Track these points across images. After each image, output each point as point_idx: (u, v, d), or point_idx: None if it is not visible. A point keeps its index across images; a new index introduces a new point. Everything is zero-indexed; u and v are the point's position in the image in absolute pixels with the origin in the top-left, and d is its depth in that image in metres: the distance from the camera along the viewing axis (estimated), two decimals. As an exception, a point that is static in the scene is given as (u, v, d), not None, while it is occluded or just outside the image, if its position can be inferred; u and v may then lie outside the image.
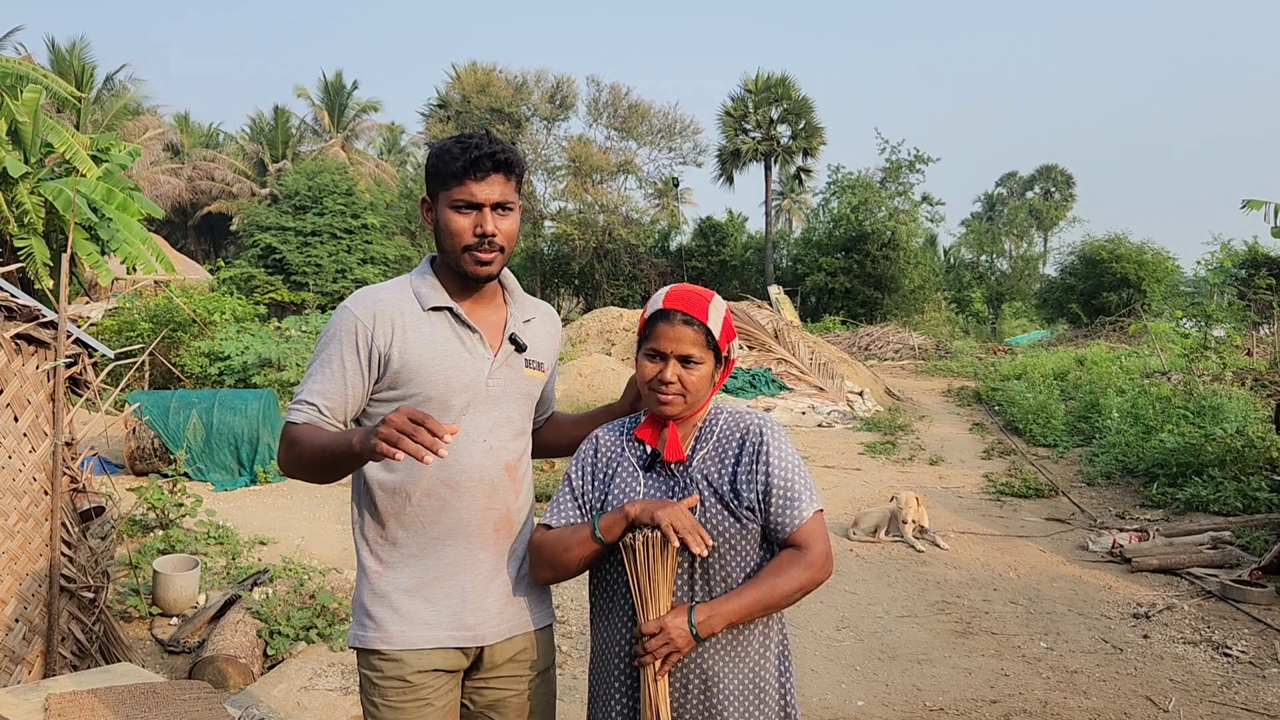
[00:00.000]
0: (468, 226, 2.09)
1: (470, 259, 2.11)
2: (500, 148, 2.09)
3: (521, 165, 2.16)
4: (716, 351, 2.11)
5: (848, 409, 15.84)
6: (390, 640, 2.12)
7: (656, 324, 2.09)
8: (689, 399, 2.09)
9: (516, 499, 2.23)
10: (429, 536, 2.14)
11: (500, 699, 2.22)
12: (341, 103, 45.27)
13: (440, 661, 2.14)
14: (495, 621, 2.18)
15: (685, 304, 2.08)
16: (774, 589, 1.98)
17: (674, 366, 2.07)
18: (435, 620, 2.13)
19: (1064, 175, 64.11)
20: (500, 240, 2.11)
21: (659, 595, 1.98)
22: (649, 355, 2.11)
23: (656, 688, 1.98)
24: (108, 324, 14.78)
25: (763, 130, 41.24)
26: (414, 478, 2.13)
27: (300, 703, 4.44)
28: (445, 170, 2.09)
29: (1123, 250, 31.91)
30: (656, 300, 2.13)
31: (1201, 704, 4.62)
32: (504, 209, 2.12)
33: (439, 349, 2.13)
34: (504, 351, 2.20)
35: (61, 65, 30.88)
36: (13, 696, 3.36)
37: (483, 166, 2.06)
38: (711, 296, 2.13)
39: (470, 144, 2.08)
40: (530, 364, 2.25)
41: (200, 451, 9.52)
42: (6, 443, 3.66)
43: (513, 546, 2.23)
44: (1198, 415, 10.48)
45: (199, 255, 44.96)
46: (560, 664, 5.03)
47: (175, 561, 5.74)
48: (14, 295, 3.79)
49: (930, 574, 6.85)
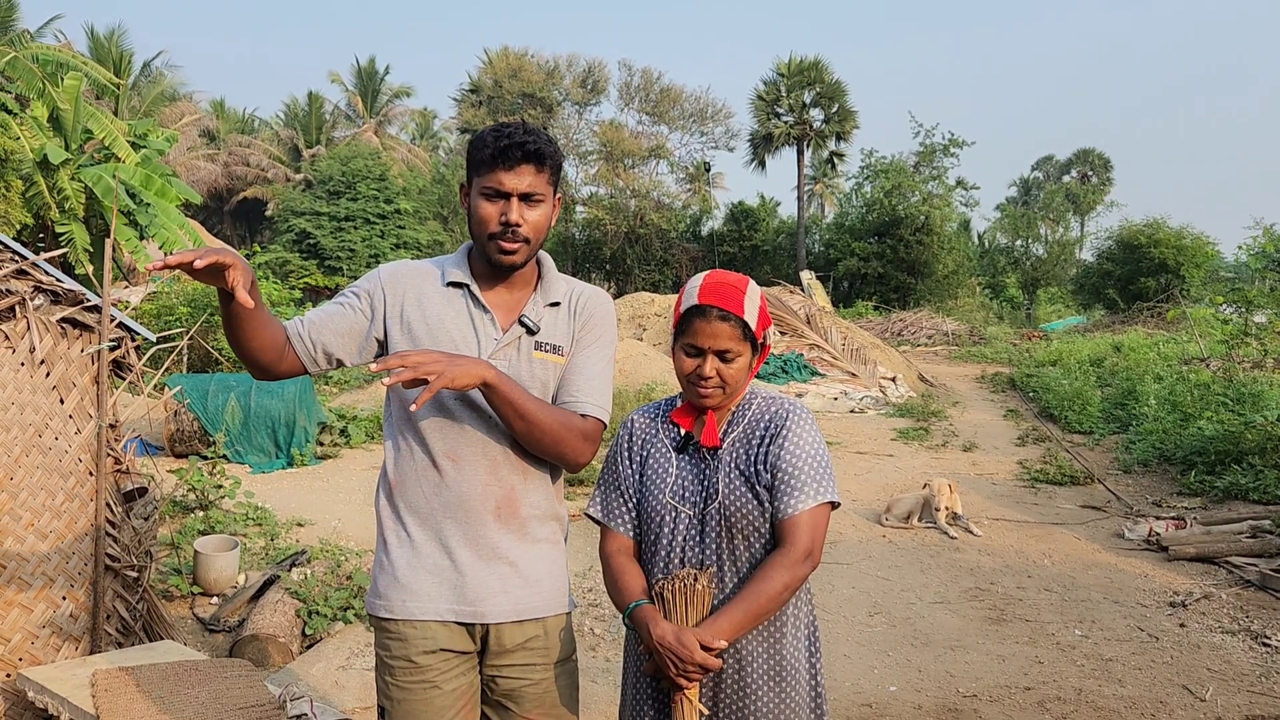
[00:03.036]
0: (494, 214, 2.09)
1: (495, 247, 2.11)
2: (532, 138, 2.08)
3: (556, 157, 2.13)
4: (753, 341, 2.12)
5: (880, 395, 15.75)
6: (392, 610, 2.15)
7: (693, 320, 2.09)
8: (728, 390, 2.11)
9: (525, 481, 2.19)
10: (430, 508, 2.15)
11: (516, 688, 2.19)
12: (374, 88, 45.49)
13: (445, 640, 2.14)
14: (499, 600, 2.15)
15: (721, 298, 2.07)
16: (760, 594, 2.00)
17: (712, 361, 2.08)
18: (435, 593, 2.14)
19: (1101, 159, 63.16)
20: (526, 231, 2.10)
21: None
22: (686, 350, 2.12)
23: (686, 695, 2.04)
24: (146, 308, 14.99)
25: (795, 114, 40.97)
26: (419, 447, 2.16)
27: (338, 681, 4.51)
28: (477, 157, 2.10)
29: (1161, 235, 31.36)
30: (692, 293, 2.12)
31: (1239, 693, 4.58)
32: (532, 200, 2.10)
33: (449, 321, 2.16)
34: (512, 332, 2.17)
35: (100, 52, 31.25)
36: (61, 672, 3.44)
37: (512, 156, 2.06)
38: (746, 285, 2.13)
39: (503, 133, 2.08)
40: (543, 346, 2.19)
41: (238, 434, 9.65)
42: (53, 424, 3.73)
43: (521, 529, 2.19)
44: (1237, 402, 10.30)
45: (235, 240, 45.45)
46: (593, 646, 5.07)
47: (215, 542, 5.83)
48: (59, 280, 3.86)
49: (963, 560, 6.82)
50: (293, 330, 2.12)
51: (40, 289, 3.79)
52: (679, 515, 2.13)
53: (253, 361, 2.06)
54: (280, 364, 2.10)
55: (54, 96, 16.47)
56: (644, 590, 2.11)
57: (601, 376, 2.22)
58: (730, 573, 2.08)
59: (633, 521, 2.21)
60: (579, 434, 2.15)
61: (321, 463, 9.83)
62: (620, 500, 2.23)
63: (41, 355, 3.68)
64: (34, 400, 3.67)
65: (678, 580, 2.04)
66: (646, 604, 2.06)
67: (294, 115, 46.28)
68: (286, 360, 2.10)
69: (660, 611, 2.04)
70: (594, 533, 2.30)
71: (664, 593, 2.04)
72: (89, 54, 30.02)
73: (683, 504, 2.13)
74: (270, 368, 2.09)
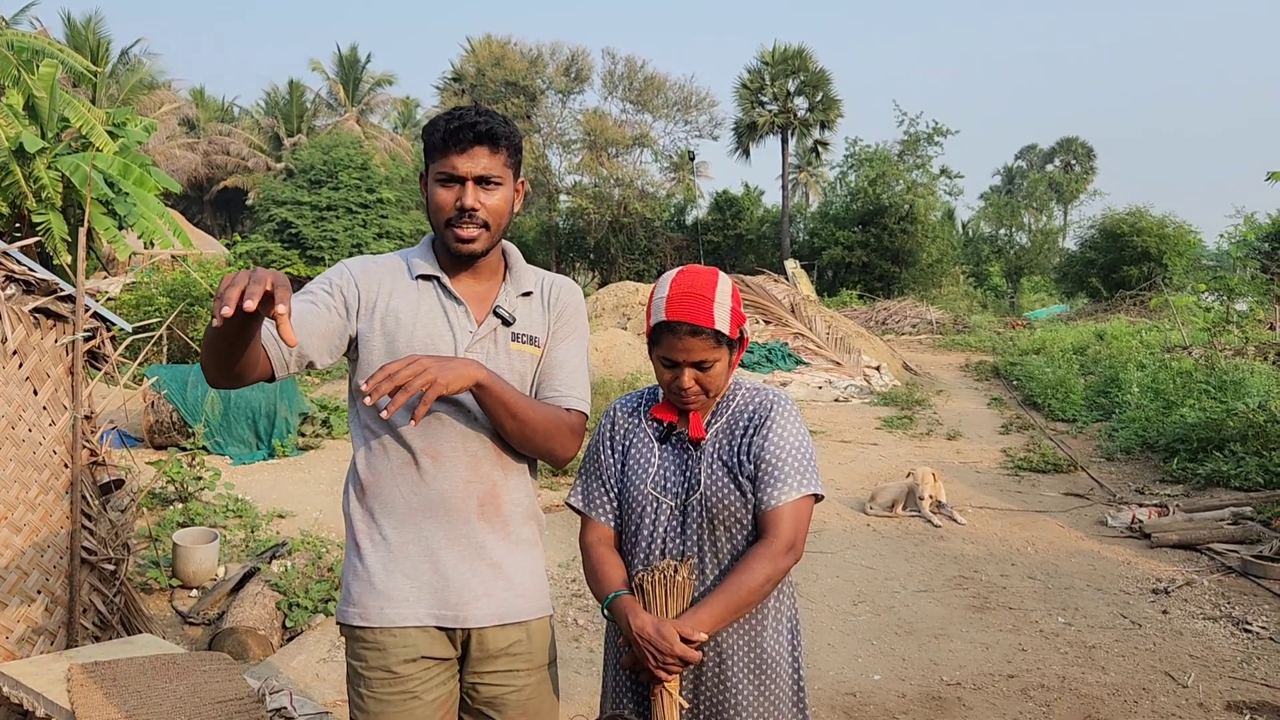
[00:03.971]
0: (449, 200, 2.00)
1: (452, 234, 2.02)
2: (484, 119, 1.98)
3: (512, 138, 2.03)
4: (729, 343, 2.07)
5: (864, 384, 15.77)
6: (368, 618, 2.05)
7: (663, 335, 2.04)
8: (710, 394, 2.09)
9: (505, 476, 2.12)
10: (408, 508, 2.05)
11: (498, 695, 2.10)
12: (356, 76, 45.14)
13: (426, 647, 2.05)
14: (481, 603, 2.06)
15: (689, 313, 2.00)
16: (740, 586, 1.98)
17: (690, 374, 2.05)
18: (414, 597, 2.04)
19: (1085, 148, 63.35)
20: (484, 215, 2.01)
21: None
22: (663, 362, 2.08)
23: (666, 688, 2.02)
24: (125, 298, 14.86)
25: (779, 103, 40.92)
26: (395, 444, 2.06)
27: (319, 674, 4.47)
28: (431, 142, 2.01)
29: (1144, 224, 31.54)
30: (659, 306, 2.05)
31: (1221, 679, 4.60)
32: (488, 183, 2.01)
33: (422, 316, 2.07)
34: (488, 324, 2.09)
35: (77, 40, 30.86)
36: (36, 666, 3.39)
37: (463, 138, 1.97)
38: (714, 288, 2.04)
39: (455, 115, 1.99)
40: (519, 338, 2.12)
41: (218, 425, 9.58)
42: (27, 416, 3.67)
43: (504, 526, 2.11)
44: (1219, 390, 10.37)
45: (215, 230, 45.06)
46: (576, 637, 5.05)
47: (194, 534, 5.78)
48: (32, 269, 3.80)
49: (947, 549, 6.83)
50: (266, 336, 1.93)
51: (12, 278, 3.73)
52: (660, 506, 2.11)
53: (231, 375, 1.86)
54: (253, 372, 1.91)
55: (29, 84, 16.25)
56: (624, 581, 2.08)
57: (581, 369, 2.19)
58: (711, 564, 2.06)
59: (614, 511, 2.19)
60: (567, 429, 2.11)
61: (303, 454, 9.76)
62: (601, 490, 2.20)
63: (14, 346, 3.62)
64: (6, 391, 3.61)
65: (658, 571, 2.02)
66: (626, 595, 2.04)
67: (275, 104, 45.86)
68: (260, 368, 1.92)
69: (640, 603, 2.01)
70: (576, 523, 2.27)
71: (644, 584, 2.02)
72: (66, 41, 29.65)
73: (664, 494, 2.11)
74: (242, 377, 1.89)
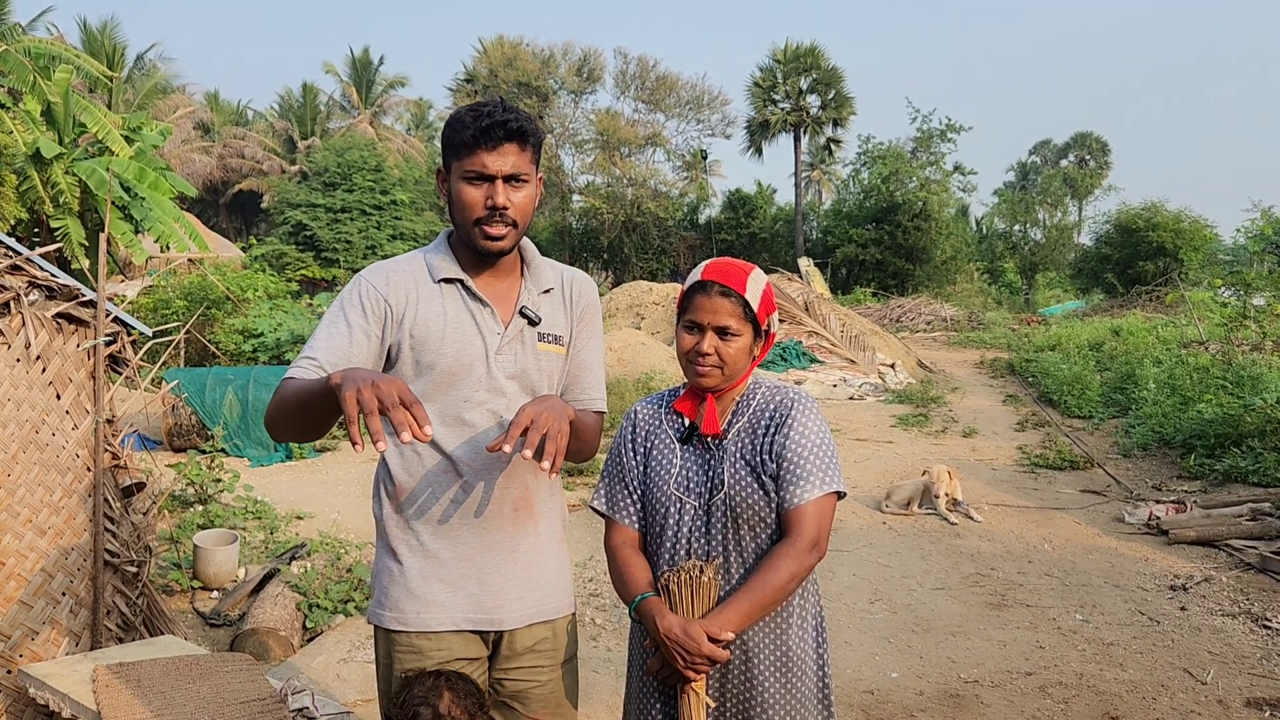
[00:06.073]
0: (479, 199, 1.99)
1: (480, 233, 2.01)
2: (513, 115, 1.97)
3: (538, 135, 2.04)
4: (755, 324, 2.10)
5: (879, 381, 15.74)
6: (405, 622, 2.08)
7: (694, 296, 2.09)
8: (726, 371, 2.09)
9: (536, 478, 2.15)
10: (445, 515, 2.08)
11: (523, 690, 2.16)
12: (369, 79, 45.36)
13: (460, 649, 2.09)
14: (515, 605, 2.11)
15: (723, 276, 2.07)
16: (766, 585, 1.99)
17: (710, 338, 2.07)
18: (451, 602, 2.08)
19: (1099, 143, 63.02)
20: (513, 214, 2.01)
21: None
22: (687, 327, 2.11)
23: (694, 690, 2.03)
24: (143, 302, 14.95)
25: (792, 101, 40.84)
26: (430, 452, 2.07)
27: (340, 674, 4.51)
28: (457, 139, 1.98)
29: (1159, 218, 31.28)
30: (696, 272, 2.13)
31: (1240, 676, 4.58)
32: (517, 181, 2.00)
33: (450, 321, 2.06)
34: (514, 325, 2.09)
35: (93, 45, 31.11)
36: (61, 668, 3.43)
37: (494, 135, 1.95)
38: (751, 269, 2.12)
39: (482, 112, 1.97)
40: (545, 338, 2.13)
41: (237, 428, 9.64)
42: (50, 420, 3.72)
43: (535, 528, 2.15)
44: (1236, 385, 10.30)
45: (231, 233, 45.33)
46: (594, 636, 5.07)
47: (215, 536, 5.83)
48: (54, 275, 3.84)
49: (964, 546, 6.82)
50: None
51: (35, 284, 3.77)
52: (684, 506, 2.12)
53: (308, 437, 1.97)
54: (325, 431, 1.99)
55: (46, 90, 16.40)
56: (650, 583, 2.10)
57: (601, 368, 2.25)
58: (736, 564, 2.07)
59: (638, 514, 2.20)
60: (598, 432, 2.17)
61: (320, 455, 9.82)
62: (625, 492, 2.21)
63: (37, 351, 3.66)
64: (30, 396, 3.65)
65: (683, 572, 2.03)
66: (653, 596, 2.05)
67: (288, 107, 46.11)
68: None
69: (666, 604, 2.02)
70: (595, 523, 2.29)
71: (670, 585, 2.03)
72: (82, 47, 29.85)
73: (688, 495, 2.12)
74: (316, 437, 1.99)
